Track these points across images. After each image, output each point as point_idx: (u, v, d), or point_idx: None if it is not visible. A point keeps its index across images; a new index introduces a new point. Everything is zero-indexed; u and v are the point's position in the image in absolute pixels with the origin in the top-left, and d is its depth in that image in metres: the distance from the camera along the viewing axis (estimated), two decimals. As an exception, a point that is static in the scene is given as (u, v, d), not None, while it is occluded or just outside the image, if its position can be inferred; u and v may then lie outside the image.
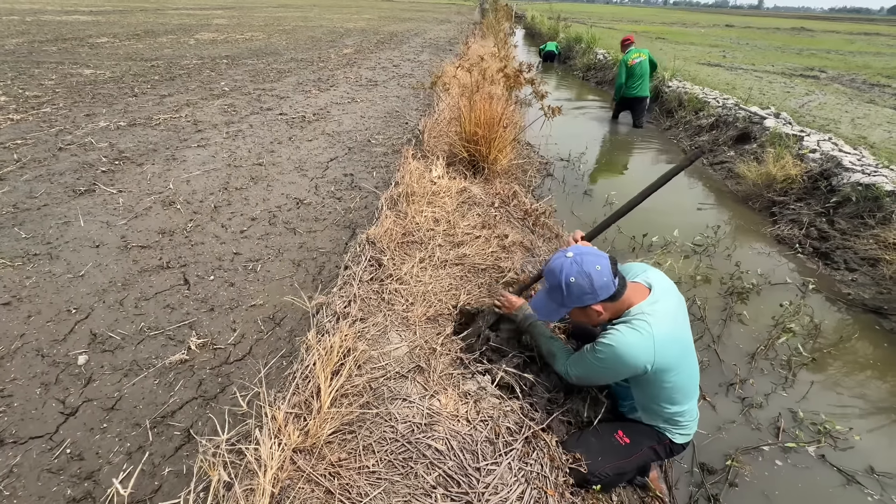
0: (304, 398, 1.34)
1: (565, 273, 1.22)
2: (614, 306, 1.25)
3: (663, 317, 1.20)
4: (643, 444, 1.33)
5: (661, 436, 1.33)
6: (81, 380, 1.64)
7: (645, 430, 1.35)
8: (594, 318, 1.27)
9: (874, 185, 3.20)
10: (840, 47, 13.64)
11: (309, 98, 5.75)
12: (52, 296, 2.05)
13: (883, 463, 1.71)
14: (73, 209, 2.78)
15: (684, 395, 1.28)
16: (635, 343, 1.16)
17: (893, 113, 5.65)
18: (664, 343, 1.16)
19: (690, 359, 1.29)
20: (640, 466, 1.41)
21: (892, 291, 2.62)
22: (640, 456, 1.34)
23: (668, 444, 1.34)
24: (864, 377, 2.16)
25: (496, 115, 3.07)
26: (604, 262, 1.22)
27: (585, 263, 1.21)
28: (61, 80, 5.97)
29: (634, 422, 1.38)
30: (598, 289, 1.19)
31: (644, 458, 1.35)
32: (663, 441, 1.34)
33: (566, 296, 1.23)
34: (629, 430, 1.35)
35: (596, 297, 1.21)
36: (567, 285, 1.21)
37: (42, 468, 1.35)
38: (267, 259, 2.42)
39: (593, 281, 1.19)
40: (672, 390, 1.25)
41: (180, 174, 3.34)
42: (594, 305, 1.22)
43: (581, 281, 1.20)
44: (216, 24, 14.05)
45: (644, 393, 1.30)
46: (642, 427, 1.35)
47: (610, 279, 1.20)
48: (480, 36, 11.81)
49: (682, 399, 1.28)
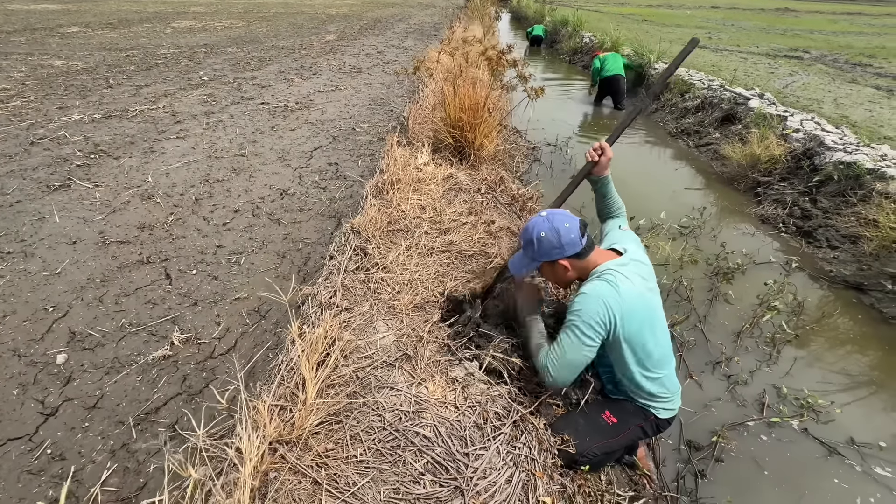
0: (289, 390, 1.32)
1: (537, 228, 1.33)
2: (581, 264, 1.34)
3: (631, 276, 1.27)
4: (630, 422, 1.35)
5: (647, 412, 1.36)
6: (61, 379, 1.60)
7: (631, 408, 1.37)
8: (562, 275, 1.37)
9: (855, 164, 3.24)
10: (823, 27, 13.68)
11: (291, 86, 5.62)
12: (27, 294, 1.99)
13: (862, 434, 1.76)
14: (47, 205, 2.69)
15: (656, 363, 1.31)
16: (603, 291, 1.23)
17: (874, 92, 5.70)
18: (630, 297, 1.23)
19: (659, 328, 1.32)
20: (628, 445, 1.43)
21: (871, 267, 2.66)
22: (628, 434, 1.35)
23: (654, 420, 1.36)
24: (845, 352, 2.21)
25: (481, 100, 3.03)
26: (573, 221, 1.33)
27: (555, 221, 1.32)
28: (31, 71, 5.75)
29: (621, 401, 1.39)
30: (566, 244, 1.30)
31: (632, 436, 1.37)
32: (649, 418, 1.36)
33: (536, 249, 1.33)
34: (616, 409, 1.37)
35: (563, 252, 1.31)
36: (538, 239, 1.32)
37: (22, 469, 1.32)
38: (251, 251, 2.37)
39: (561, 236, 1.30)
40: (643, 354, 1.28)
41: (159, 167, 3.26)
42: (561, 260, 1.33)
43: (550, 236, 1.31)
44: (193, 11, 13.62)
45: (619, 361, 1.32)
46: (628, 406, 1.37)
47: (577, 237, 1.30)
48: (466, 20, 11.62)
49: (654, 366, 1.31)
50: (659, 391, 1.33)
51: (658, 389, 1.33)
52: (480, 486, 1.12)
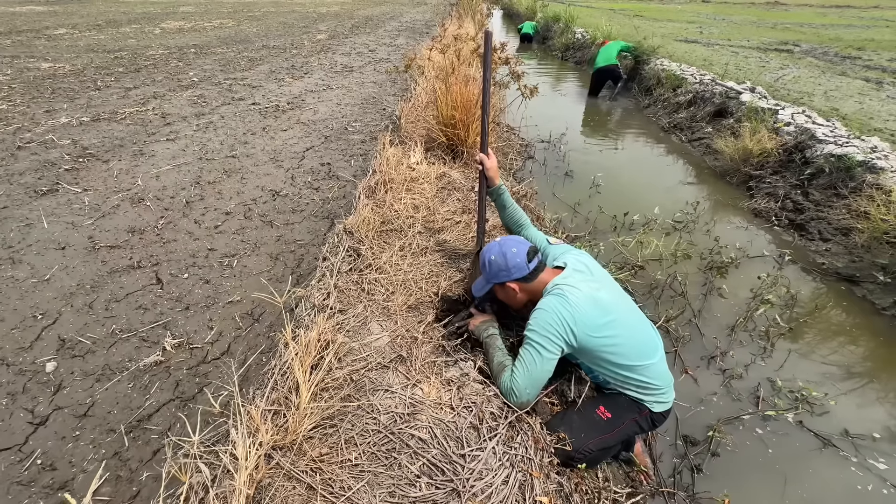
0: (282, 395, 1.31)
1: (489, 252, 1.48)
2: (529, 287, 1.44)
3: (577, 284, 1.34)
4: (624, 417, 1.36)
5: (641, 406, 1.37)
6: (51, 387, 1.58)
7: (625, 402, 1.37)
8: (512, 297, 1.47)
9: (846, 156, 3.25)
10: (813, 20, 13.75)
11: (283, 86, 5.58)
12: (15, 302, 1.96)
13: (856, 425, 1.77)
14: (35, 210, 2.65)
15: (635, 355, 1.34)
16: (553, 304, 1.30)
17: (864, 84, 5.74)
18: (581, 303, 1.29)
19: (625, 323, 1.35)
20: (624, 440, 1.43)
21: (863, 259, 2.68)
22: (623, 429, 1.36)
23: (648, 414, 1.37)
24: (838, 344, 2.23)
25: (473, 98, 3.01)
26: (521, 247, 1.44)
27: (504, 245, 1.45)
28: (17, 74, 5.66)
29: (615, 396, 1.40)
30: (512, 267, 1.41)
31: (627, 431, 1.37)
32: (643, 412, 1.37)
33: (488, 271, 1.47)
34: (610, 404, 1.37)
35: (510, 275, 1.42)
36: (489, 262, 1.45)
37: (12, 481, 1.30)
38: (243, 254, 2.35)
39: (507, 260, 1.42)
40: (616, 351, 1.32)
41: (149, 170, 3.22)
42: (509, 283, 1.43)
43: (499, 259, 1.43)
44: (182, 11, 13.48)
45: (595, 363, 1.36)
46: (622, 400, 1.38)
47: (523, 261, 1.41)
48: (457, 18, 11.58)
49: (633, 359, 1.34)
50: (648, 381, 1.35)
51: (647, 379, 1.35)
52: (477, 488, 1.11)
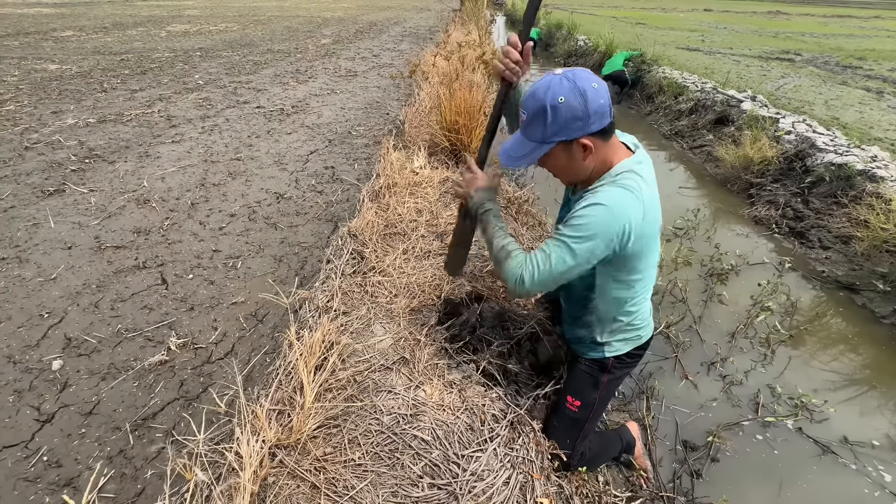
0: (287, 394, 1.33)
1: (553, 92, 0.94)
2: (604, 148, 1.01)
3: (651, 181, 1.05)
4: (591, 394, 1.28)
5: (603, 362, 1.26)
6: (57, 385, 1.60)
7: (584, 372, 1.29)
8: (579, 163, 1.02)
9: (846, 165, 3.28)
10: (814, 30, 13.84)
11: (287, 90, 5.62)
12: (22, 300, 1.98)
13: (855, 433, 1.78)
14: (42, 210, 2.68)
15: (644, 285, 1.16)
16: (627, 205, 0.97)
17: (864, 94, 5.78)
18: (651, 205, 1.01)
19: (657, 247, 1.13)
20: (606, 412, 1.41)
21: (863, 268, 2.70)
22: (598, 408, 1.31)
23: (613, 365, 1.26)
24: (838, 351, 2.24)
25: (476, 103, 3.04)
26: (601, 82, 0.96)
27: (580, 80, 0.94)
28: (25, 76, 5.72)
29: (574, 372, 1.32)
30: (593, 113, 0.94)
31: (602, 405, 1.32)
32: (606, 367, 1.26)
33: (550, 122, 0.96)
34: (573, 388, 1.31)
35: (587, 126, 0.95)
36: (553, 108, 0.94)
37: (18, 477, 1.31)
38: (247, 255, 2.37)
39: (588, 101, 0.93)
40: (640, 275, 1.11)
41: (155, 171, 3.25)
42: (584, 139, 0.97)
43: (573, 101, 0.93)
44: (188, 15, 13.60)
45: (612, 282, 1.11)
46: (581, 372, 1.30)
47: (607, 103, 0.96)
48: (460, 24, 11.68)
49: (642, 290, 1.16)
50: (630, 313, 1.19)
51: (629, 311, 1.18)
52: (478, 489, 1.13)
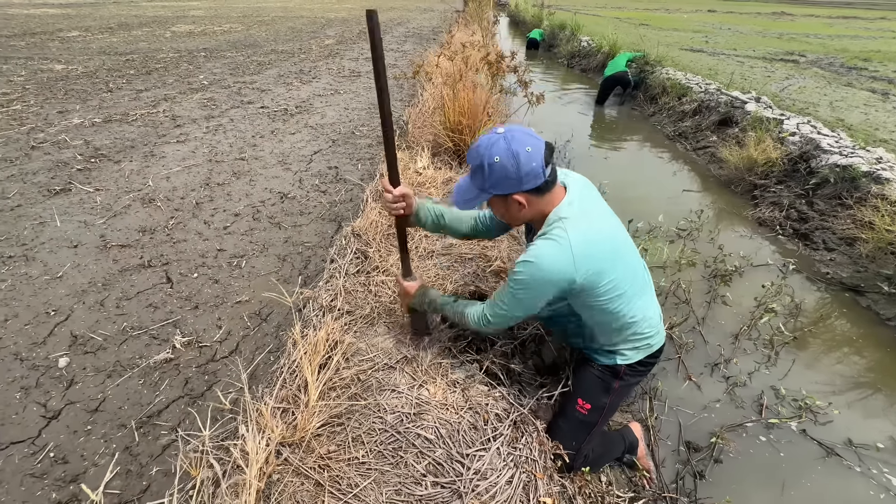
0: (291, 392, 1.33)
1: (491, 151, 1.04)
2: (538, 202, 1.09)
3: (580, 216, 1.08)
4: (602, 398, 1.28)
5: (616, 369, 1.27)
6: (63, 382, 1.61)
7: (595, 377, 1.30)
8: (514, 212, 1.11)
9: (851, 167, 3.26)
10: (819, 31, 13.79)
11: (291, 90, 5.65)
12: (29, 298, 1.99)
13: (860, 435, 1.77)
14: (48, 209, 2.70)
15: (628, 299, 1.15)
16: (552, 255, 1.03)
17: (870, 95, 5.75)
18: (584, 243, 1.04)
19: (627, 257, 1.17)
20: (614, 417, 1.42)
21: (868, 269, 2.69)
22: (607, 411, 1.31)
23: (625, 372, 1.27)
24: (843, 353, 2.23)
25: (480, 104, 3.05)
26: (537, 144, 1.04)
27: (515, 142, 1.02)
28: (31, 75, 5.76)
29: (585, 374, 1.33)
30: (524, 175, 1.03)
31: (612, 409, 1.33)
32: (619, 373, 1.27)
33: (487, 177, 1.06)
34: (584, 390, 1.31)
35: (520, 185, 1.04)
36: (490, 165, 1.04)
37: (25, 473, 1.32)
38: (252, 255, 2.38)
39: (519, 164, 1.02)
40: (613, 294, 1.11)
41: (160, 171, 3.27)
42: (517, 195, 1.06)
43: (506, 162, 1.02)
44: (193, 15, 13.67)
45: (588, 308, 1.16)
46: (591, 376, 1.30)
47: (540, 166, 1.03)
48: (464, 24, 11.69)
49: (626, 304, 1.15)
50: (632, 331, 1.21)
51: (630, 329, 1.20)
52: (481, 487, 1.13)
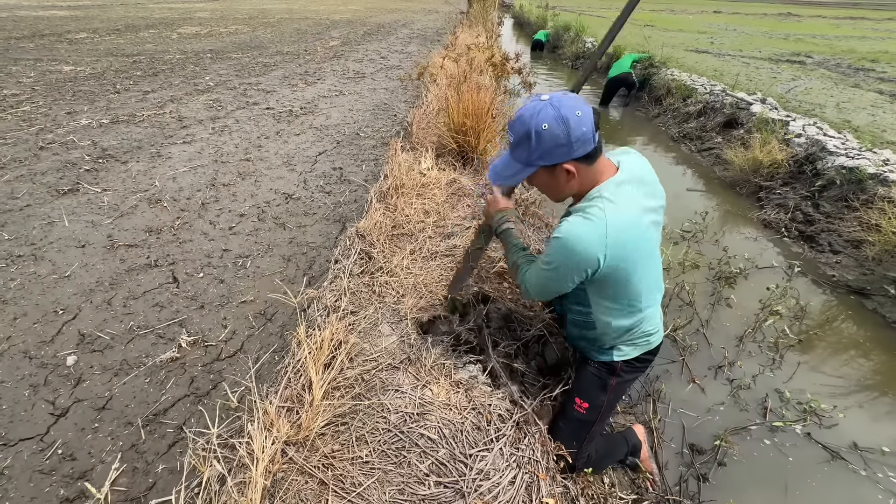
0: (296, 392, 1.35)
1: (538, 118, 0.99)
2: (588, 172, 1.05)
3: (625, 201, 1.04)
4: (599, 396, 1.28)
5: (612, 366, 1.27)
6: (71, 380, 1.63)
7: (592, 379, 1.30)
8: (562, 184, 1.07)
9: (858, 168, 3.24)
10: (826, 32, 13.70)
11: (296, 92, 5.68)
12: (38, 297, 2.02)
13: (865, 438, 1.76)
14: (56, 209, 2.73)
15: (641, 297, 1.14)
16: (584, 232, 1.00)
17: (877, 97, 5.71)
18: (619, 228, 1.00)
19: (653, 257, 1.15)
20: (613, 413, 1.42)
21: (874, 272, 2.67)
22: (605, 411, 1.31)
23: (622, 368, 1.27)
24: (848, 357, 2.22)
25: (484, 106, 3.06)
26: (586, 109, 0.99)
27: (564, 107, 0.98)
28: (40, 77, 5.83)
29: (582, 373, 1.33)
30: (575, 141, 0.98)
31: (610, 407, 1.32)
32: (616, 370, 1.27)
33: (534, 148, 1.01)
34: (581, 389, 1.31)
35: (570, 152, 1.00)
36: (538, 133, 0.99)
37: (34, 469, 1.34)
38: (257, 255, 2.40)
39: (570, 129, 0.97)
40: (627, 286, 1.10)
41: (166, 171, 3.30)
42: (566, 164, 1.02)
43: (556, 129, 0.98)
44: (199, 17, 13.77)
45: (600, 299, 1.15)
46: (589, 374, 1.30)
47: (591, 131, 0.99)
48: (468, 26, 11.70)
49: (637, 302, 1.14)
50: (633, 328, 1.20)
51: (633, 324, 1.19)
52: (484, 488, 1.13)
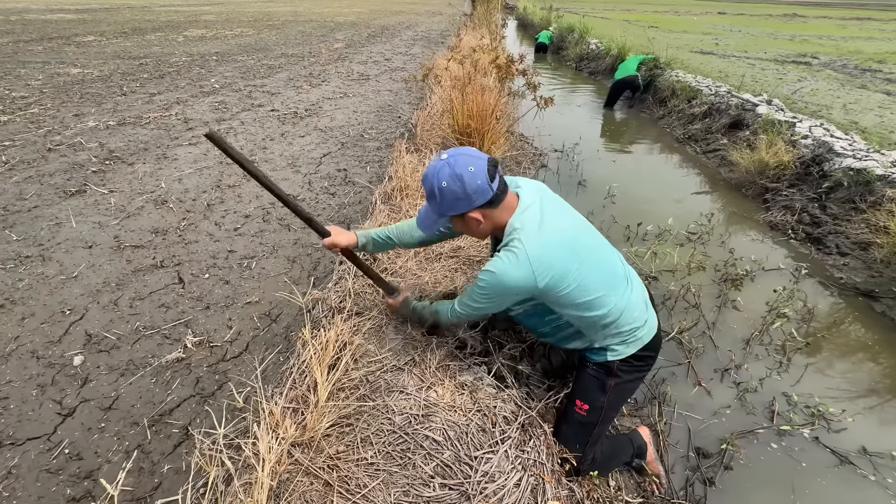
0: (301, 393, 1.35)
1: (438, 177, 1.12)
2: (494, 214, 1.16)
3: (535, 224, 1.13)
4: (599, 398, 1.28)
5: (608, 366, 1.27)
6: (78, 380, 1.64)
7: (591, 380, 1.30)
8: (475, 228, 1.20)
9: (865, 170, 3.22)
10: (832, 32, 13.62)
11: (300, 94, 5.70)
12: (45, 297, 2.03)
13: (875, 443, 1.74)
14: (64, 210, 2.75)
15: (601, 294, 1.17)
16: (511, 267, 1.10)
17: (884, 98, 5.66)
18: (541, 252, 1.10)
19: (594, 254, 1.19)
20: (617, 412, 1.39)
21: (883, 275, 2.64)
22: (607, 412, 1.30)
23: (618, 368, 1.27)
24: (857, 360, 2.19)
25: (488, 107, 3.06)
26: (479, 163, 1.11)
27: (458, 165, 1.10)
28: (48, 79, 5.89)
29: (581, 375, 1.33)
30: (472, 193, 1.10)
31: (612, 409, 1.31)
32: (612, 372, 1.27)
33: (439, 202, 1.14)
34: (581, 391, 1.31)
35: (470, 203, 1.12)
36: (440, 190, 1.12)
37: (41, 468, 1.35)
38: (262, 256, 2.41)
39: (465, 184, 1.09)
40: (582, 291, 1.15)
41: (172, 173, 3.32)
42: (471, 213, 1.14)
43: (453, 185, 1.10)
44: (204, 20, 13.87)
45: (562, 306, 1.19)
46: (588, 377, 1.30)
47: (485, 182, 1.10)
48: (472, 28, 11.72)
49: (593, 294, 1.16)
50: (612, 324, 1.22)
51: (609, 322, 1.21)
52: (489, 490, 1.13)
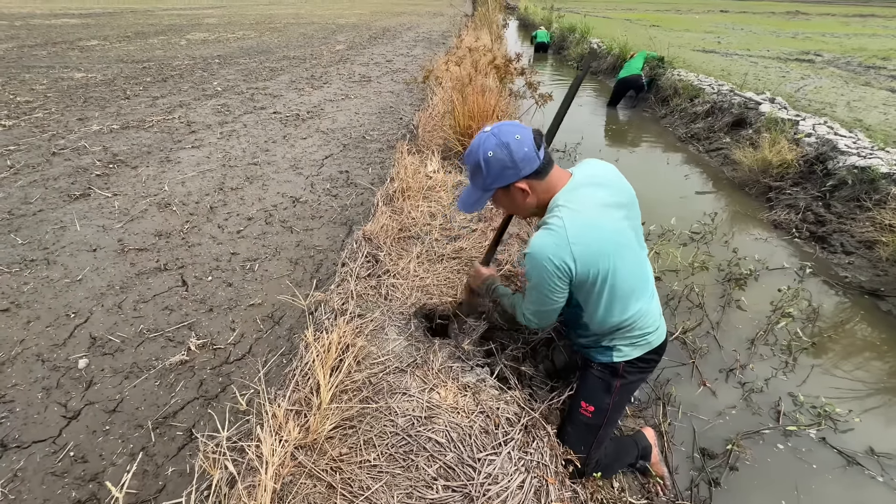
0: (304, 395, 1.35)
1: (483, 148, 1.09)
2: (542, 186, 1.12)
3: (581, 203, 1.09)
4: (604, 399, 1.28)
5: (614, 367, 1.26)
6: (82, 383, 1.65)
7: (596, 381, 1.29)
8: (521, 203, 1.15)
9: (870, 168, 3.19)
10: (835, 30, 13.54)
11: (302, 96, 5.72)
12: (50, 301, 2.05)
13: (883, 443, 1.72)
14: (68, 214, 2.77)
15: (626, 294, 1.15)
16: (548, 242, 1.06)
17: (889, 95, 5.62)
18: (580, 229, 1.05)
19: (629, 252, 1.16)
20: (621, 413, 1.39)
21: (888, 273, 2.62)
22: (612, 414, 1.30)
23: (624, 369, 1.26)
24: (863, 359, 2.17)
25: (489, 108, 3.06)
26: (524, 132, 1.09)
27: (503, 134, 1.08)
28: (52, 84, 5.93)
29: (586, 375, 1.32)
30: (520, 161, 1.07)
31: (617, 410, 1.31)
32: (618, 371, 1.26)
33: (486, 174, 1.10)
34: (586, 393, 1.30)
35: (518, 172, 1.08)
36: (486, 161, 1.09)
37: (46, 471, 1.35)
38: (264, 258, 2.42)
39: (512, 152, 1.06)
40: (609, 285, 1.12)
41: (175, 176, 3.33)
42: (518, 183, 1.10)
43: (500, 154, 1.07)
44: (207, 23, 13.94)
45: (587, 299, 1.16)
46: (593, 378, 1.30)
47: (532, 150, 1.08)
48: (473, 28, 11.72)
49: (624, 299, 1.15)
50: (627, 328, 1.21)
51: (625, 321, 1.19)
52: (493, 492, 1.13)
